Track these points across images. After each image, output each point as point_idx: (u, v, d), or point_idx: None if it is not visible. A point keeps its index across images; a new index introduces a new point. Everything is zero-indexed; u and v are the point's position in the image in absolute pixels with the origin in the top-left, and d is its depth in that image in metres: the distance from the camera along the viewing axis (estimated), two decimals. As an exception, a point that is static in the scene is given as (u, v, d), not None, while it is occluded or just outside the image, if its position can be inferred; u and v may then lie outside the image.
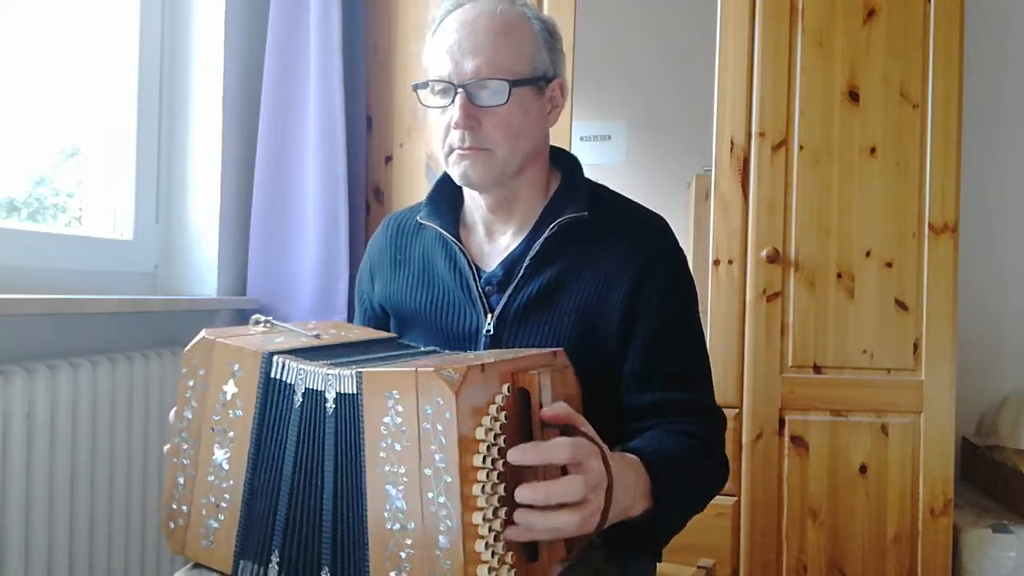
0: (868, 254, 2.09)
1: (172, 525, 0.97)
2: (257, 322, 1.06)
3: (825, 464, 2.09)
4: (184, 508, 0.96)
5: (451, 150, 1.14)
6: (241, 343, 0.95)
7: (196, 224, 2.11)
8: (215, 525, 0.95)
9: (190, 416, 0.96)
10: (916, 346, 2.08)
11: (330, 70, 2.13)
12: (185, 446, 0.96)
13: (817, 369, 2.11)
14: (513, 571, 0.83)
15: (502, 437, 0.83)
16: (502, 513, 0.82)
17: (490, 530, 0.81)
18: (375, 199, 2.30)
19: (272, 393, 0.93)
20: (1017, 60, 2.70)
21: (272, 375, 0.92)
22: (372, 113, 2.31)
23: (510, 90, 1.10)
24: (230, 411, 0.94)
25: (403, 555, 0.82)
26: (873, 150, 2.09)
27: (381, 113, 2.30)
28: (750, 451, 2.10)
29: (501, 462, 0.83)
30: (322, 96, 2.13)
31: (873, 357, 2.09)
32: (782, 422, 2.11)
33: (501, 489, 0.82)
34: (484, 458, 0.81)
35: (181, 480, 0.96)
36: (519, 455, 0.83)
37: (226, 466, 0.94)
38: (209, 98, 2.10)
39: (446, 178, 1.25)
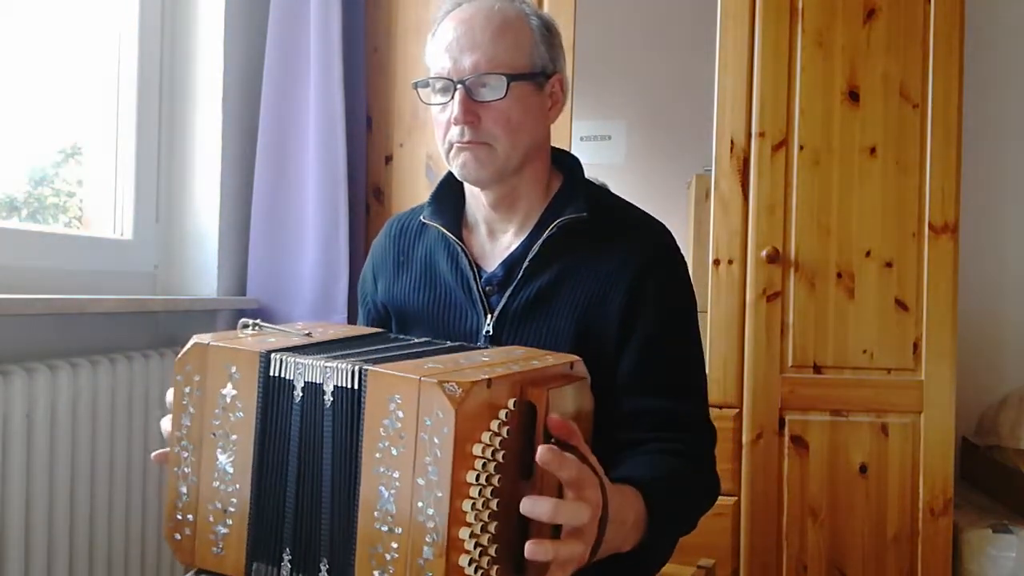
0: (868, 254, 2.09)
1: (178, 536, 0.95)
2: (245, 325, 1.05)
3: (825, 464, 2.09)
4: (190, 517, 0.94)
5: (451, 146, 1.14)
6: (236, 345, 0.94)
7: (196, 224, 2.11)
8: (224, 531, 0.93)
9: (188, 423, 0.94)
10: (916, 346, 2.08)
11: (330, 70, 2.13)
12: (185, 454, 0.94)
13: (817, 369, 2.11)
14: None
15: (501, 453, 0.82)
16: (492, 528, 0.81)
17: (476, 545, 0.80)
18: (375, 199, 2.30)
19: (272, 391, 0.92)
20: (1017, 60, 2.70)
21: (271, 373, 0.92)
22: (372, 113, 2.30)
23: (508, 85, 1.11)
24: (231, 414, 0.92)
25: (388, 557, 0.82)
26: (873, 150, 2.09)
27: (381, 113, 2.30)
28: (750, 451, 2.10)
29: (497, 477, 0.81)
30: (322, 96, 2.13)
31: (873, 357, 2.09)
32: (782, 422, 2.11)
33: (494, 504, 0.81)
34: (479, 475, 0.80)
35: (184, 489, 0.94)
36: (547, 455, 0.81)
37: (230, 469, 0.92)
38: (209, 98, 2.10)
39: (449, 177, 1.25)
